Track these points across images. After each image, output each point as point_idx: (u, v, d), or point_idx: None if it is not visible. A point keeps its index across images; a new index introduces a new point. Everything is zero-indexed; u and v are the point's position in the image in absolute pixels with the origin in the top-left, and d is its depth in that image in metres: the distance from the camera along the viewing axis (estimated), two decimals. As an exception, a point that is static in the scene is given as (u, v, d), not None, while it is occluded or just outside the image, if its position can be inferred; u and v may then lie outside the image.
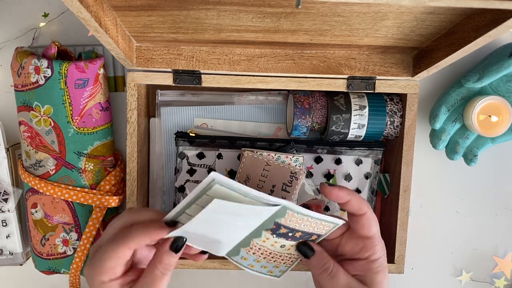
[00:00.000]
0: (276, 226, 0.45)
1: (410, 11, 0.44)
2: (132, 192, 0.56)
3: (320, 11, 0.44)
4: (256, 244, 0.46)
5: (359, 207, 0.46)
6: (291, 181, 0.54)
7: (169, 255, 0.42)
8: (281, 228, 0.45)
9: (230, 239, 0.45)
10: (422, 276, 0.66)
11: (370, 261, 0.47)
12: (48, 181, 0.56)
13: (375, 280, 0.46)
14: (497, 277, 0.66)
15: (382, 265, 0.47)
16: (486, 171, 0.65)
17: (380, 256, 0.47)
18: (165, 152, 0.60)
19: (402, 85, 0.56)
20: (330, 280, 0.46)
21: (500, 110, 0.56)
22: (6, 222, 0.59)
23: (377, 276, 0.47)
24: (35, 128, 0.55)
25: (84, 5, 0.36)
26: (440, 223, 0.66)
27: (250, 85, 0.55)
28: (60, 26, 0.61)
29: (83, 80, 0.54)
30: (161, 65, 0.54)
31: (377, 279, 0.46)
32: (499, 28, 0.38)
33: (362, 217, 0.46)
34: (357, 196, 0.46)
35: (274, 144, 0.58)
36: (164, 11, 0.45)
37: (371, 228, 0.47)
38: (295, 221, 0.45)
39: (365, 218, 0.46)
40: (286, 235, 0.46)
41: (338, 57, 0.55)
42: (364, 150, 0.59)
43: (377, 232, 0.48)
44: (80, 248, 0.57)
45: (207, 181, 0.39)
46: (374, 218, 0.47)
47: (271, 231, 0.45)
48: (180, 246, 0.43)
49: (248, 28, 0.48)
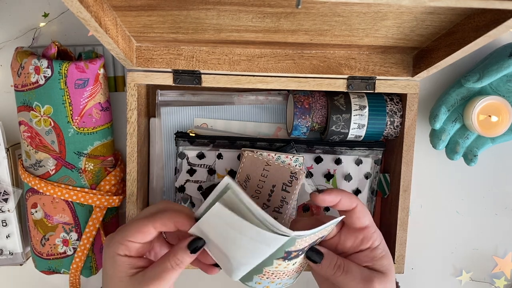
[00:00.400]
0: (287, 254, 0.44)
1: (410, 11, 0.44)
2: (132, 192, 0.56)
3: (320, 11, 0.44)
4: (268, 271, 0.46)
5: (349, 203, 0.46)
6: (291, 181, 0.54)
7: (185, 252, 0.43)
8: (292, 253, 0.44)
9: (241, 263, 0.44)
10: (422, 276, 0.66)
11: (373, 249, 0.47)
12: (48, 181, 0.56)
13: (383, 265, 0.47)
14: (497, 277, 0.66)
15: (384, 249, 0.48)
16: (486, 171, 0.65)
17: (381, 241, 0.48)
18: (165, 152, 0.60)
19: (402, 85, 0.56)
20: (346, 276, 0.46)
21: (500, 110, 0.56)
22: (6, 222, 0.59)
23: (383, 261, 0.47)
24: (35, 128, 0.55)
25: (84, 5, 0.36)
26: (440, 223, 0.66)
27: (250, 85, 0.55)
28: (60, 26, 0.61)
29: (83, 80, 0.54)
30: (161, 65, 0.54)
31: (384, 263, 0.47)
32: (499, 28, 0.38)
33: (354, 211, 0.47)
34: (345, 193, 0.46)
35: (274, 144, 0.58)
36: (164, 11, 0.45)
37: (365, 218, 0.47)
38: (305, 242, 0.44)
39: (357, 211, 0.46)
40: (297, 256, 0.46)
41: (338, 57, 0.55)
42: (364, 150, 0.59)
43: (371, 220, 0.48)
44: (80, 248, 0.57)
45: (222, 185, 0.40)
46: (364, 208, 0.47)
47: (282, 259, 0.45)
48: (198, 247, 0.44)
49: (248, 28, 0.48)
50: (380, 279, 0.46)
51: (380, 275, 0.46)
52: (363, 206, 0.47)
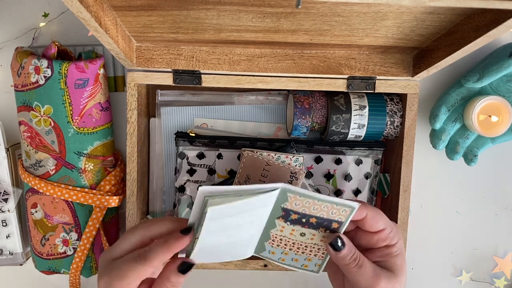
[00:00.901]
0: (286, 213, 0.45)
1: (410, 11, 0.44)
2: (132, 192, 0.56)
3: (320, 11, 0.44)
4: (275, 235, 0.47)
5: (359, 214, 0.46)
6: (291, 181, 0.54)
7: (177, 275, 0.43)
8: (291, 214, 0.45)
9: (250, 236, 0.45)
10: (422, 276, 0.66)
11: (389, 247, 0.48)
12: (48, 181, 0.56)
13: (396, 263, 0.47)
14: (497, 277, 0.66)
15: (400, 248, 0.48)
16: (486, 171, 0.65)
17: (397, 240, 0.48)
18: (165, 152, 0.60)
19: (402, 85, 0.56)
20: (358, 270, 0.46)
21: (500, 110, 0.56)
22: (6, 222, 0.59)
23: (396, 259, 0.47)
24: (35, 128, 0.55)
25: (84, 5, 0.36)
26: (440, 223, 0.65)
27: (250, 85, 0.55)
28: (60, 26, 0.61)
29: (83, 80, 0.54)
30: (161, 65, 0.54)
31: (397, 262, 0.47)
32: (499, 28, 0.38)
33: (366, 219, 0.46)
34: None
35: (274, 144, 0.58)
36: (164, 11, 0.45)
37: (379, 223, 0.47)
38: (302, 205, 0.44)
39: (369, 218, 0.46)
40: (300, 222, 0.46)
41: (338, 57, 0.55)
42: (364, 150, 0.59)
43: (386, 222, 0.47)
44: (80, 248, 0.57)
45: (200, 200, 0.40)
46: (377, 214, 0.47)
47: (282, 218, 0.45)
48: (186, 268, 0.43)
49: (248, 28, 0.48)
50: (389, 278, 0.46)
51: (390, 274, 0.46)
52: (375, 212, 0.47)
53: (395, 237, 0.48)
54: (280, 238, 0.47)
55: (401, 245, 0.48)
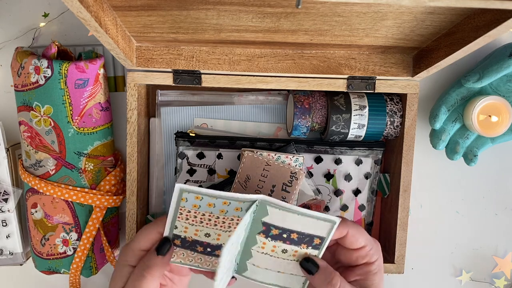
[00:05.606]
0: (266, 227, 0.44)
1: (410, 11, 0.44)
2: (132, 192, 0.56)
3: (320, 11, 0.44)
4: (257, 252, 0.46)
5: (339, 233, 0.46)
6: (291, 181, 0.54)
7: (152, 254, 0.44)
8: (272, 229, 0.44)
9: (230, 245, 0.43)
10: (422, 276, 0.66)
11: (368, 264, 0.47)
12: (48, 181, 0.56)
13: (374, 282, 0.47)
14: (497, 277, 0.66)
15: (379, 265, 0.48)
16: (486, 171, 0.65)
17: (377, 258, 0.48)
18: (165, 152, 0.60)
19: (402, 85, 0.56)
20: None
21: (500, 110, 0.56)
22: (6, 222, 0.59)
23: (375, 277, 0.47)
24: (35, 128, 0.55)
25: (84, 5, 0.36)
26: (440, 223, 0.65)
27: (250, 85, 0.55)
28: (60, 26, 0.61)
29: (83, 80, 0.54)
30: (161, 65, 0.54)
31: (375, 281, 0.47)
32: (499, 28, 0.38)
33: (346, 237, 0.46)
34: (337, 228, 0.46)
35: (274, 144, 0.58)
36: (164, 11, 0.45)
37: (359, 241, 0.46)
38: (282, 219, 0.43)
39: (350, 236, 0.46)
40: (281, 237, 0.45)
41: (338, 57, 0.55)
42: (364, 150, 0.59)
43: (367, 239, 0.47)
44: (80, 248, 0.57)
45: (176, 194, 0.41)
46: (357, 231, 0.46)
47: (263, 234, 0.44)
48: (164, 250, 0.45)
49: (248, 28, 0.48)
50: None
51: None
52: (356, 228, 0.46)
53: (375, 255, 0.47)
54: (262, 257, 0.46)
55: (381, 263, 0.48)
